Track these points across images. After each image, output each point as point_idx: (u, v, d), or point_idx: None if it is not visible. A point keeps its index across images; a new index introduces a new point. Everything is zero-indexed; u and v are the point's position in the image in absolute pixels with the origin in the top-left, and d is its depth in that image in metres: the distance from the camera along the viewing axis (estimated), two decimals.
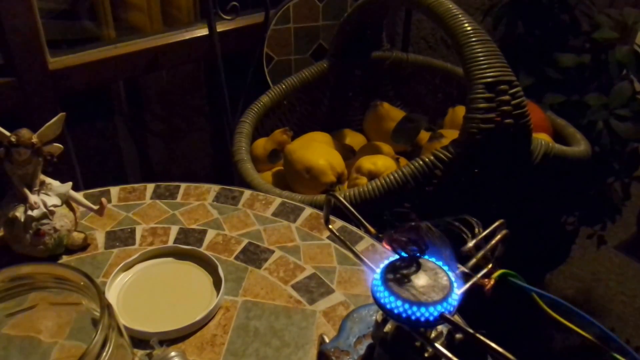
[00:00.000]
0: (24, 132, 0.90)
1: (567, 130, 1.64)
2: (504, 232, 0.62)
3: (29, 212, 0.92)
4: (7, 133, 0.90)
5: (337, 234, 0.67)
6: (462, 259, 0.61)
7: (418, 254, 0.57)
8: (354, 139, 1.86)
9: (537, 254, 1.89)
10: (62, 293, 0.66)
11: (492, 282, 0.59)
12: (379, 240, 0.63)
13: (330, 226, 0.67)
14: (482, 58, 1.22)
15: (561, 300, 0.58)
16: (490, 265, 0.60)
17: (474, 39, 1.24)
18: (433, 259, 0.58)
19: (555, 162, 1.38)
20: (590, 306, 2.35)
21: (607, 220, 2.04)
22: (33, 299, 0.68)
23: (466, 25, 1.26)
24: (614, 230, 2.26)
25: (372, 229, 0.64)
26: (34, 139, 0.91)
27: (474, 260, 0.60)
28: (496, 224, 0.62)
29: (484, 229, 0.63)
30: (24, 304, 0.68)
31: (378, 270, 0.58)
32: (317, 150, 1.54)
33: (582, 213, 2.01)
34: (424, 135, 1.72)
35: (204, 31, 1.96)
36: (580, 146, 1.51)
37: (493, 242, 0.61)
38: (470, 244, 0.60)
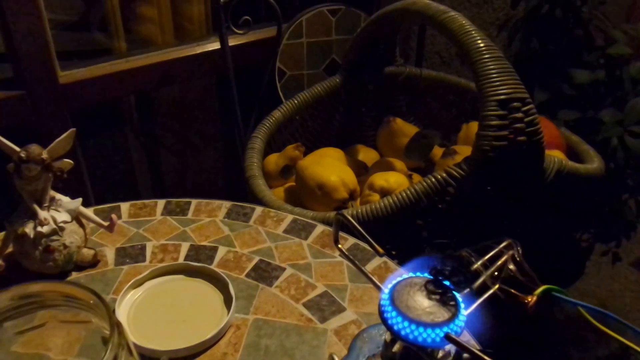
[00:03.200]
0: (34, 148, 0.90)
1: (581, 147, 1.64)
2: (510, 252, 0.61)
3: (39, 229, 0.92)
4: (17, 148, 0.90)
5: (347, 253, 0.67)
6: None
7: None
8: (366, 154, 1.85)
9: (551, 271, 1.88)
10: (71, 311, 0.66)
11: (534, 298, 0.59)
12: (389, 257, 0.63)
13: (339, 245, 0.67)
14: (495, 75, 1.21)
15: (609, 313, 0.58)
16: (493, 279, 0.60)
17: (487, 56, 1.23)
18: (445, 282, 0.58)
19: (568, 179, 1.37)
20: (606, 324, 2.33)
21: (622, 237, 2.02)
22: (42, 317, 0.68)
23: (479, 42, 1.26)
24: (629, 246, 2.25)
25: (380, 249, 0.63)
26: (44, 155, 0.90)
27: (480, 280, 0.60)
28: (503, 244, 0.61)
29: (496, 247, 0.63)
30: (34, 321, 0.68)
31: (386, 291, 0.57)
32: (329, 167, 1.53)
33: (596, 230, 2.00)
34: (437, 151, 1.71)
35: (216, 45, 1.96)
36: (594, 163, 1.50)
37: (499, 262, 0.61)
38: (476, 264, 0.60)
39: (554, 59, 1.92)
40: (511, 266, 0.61)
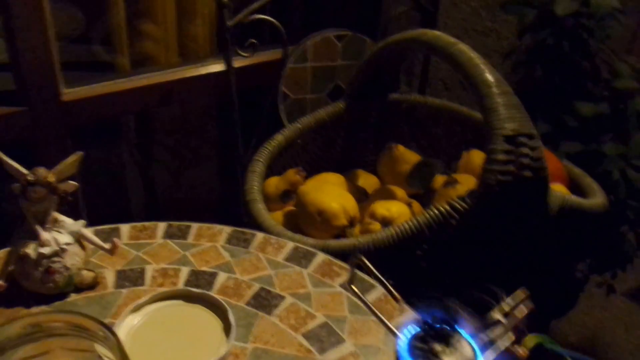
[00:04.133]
0: (41, 172, 0.90)
1: (583, 181, 1.63)
2: (529, 306, 0.61)
3: (40, 250, 0.92)
4: (25, 171, 0.90)
5: (362, 296, 0.67)
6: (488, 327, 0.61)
7: (449, 330, 0.57)
8: (366, 180, 1.85)
9: (544, 302, 1.88)
10: (76, 339, 0.66)
11: (526, 351, 0.59)
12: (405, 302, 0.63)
13: (353, 286, 0.67)
14: (502, 110, 1.21)
15: None
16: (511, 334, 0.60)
17: (495, 90, 1.23)
18: (459, 330, 0.58)
19: (571, 214, 1.37)
20: (596, 354, 2.33)
21: (618, 269, 2.02)
22: (47, 345, 0.68)
23: (487, 75, 1.26)
24: (624, 276, 2.24)
25: (397, 295, 0.63)
26: (51, 178, 0.90)
27: (502, 331, 0.60)
28: (522, 297, 0.61)
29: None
30: (38, 349, 0.68)
31: (404, 339, 0.57)
32: (330, 193, 1.53)
33: (593, 261, 1.99)
34: (439, 179, 1.71)
35: (219, 66, 1.96)
36: (597, 198, 1.50)
37: (520, 317, 0.60)
38: (496, 316, 0.60)
39: (558, 90, 1.92)
40: (499, 316, 0.62)
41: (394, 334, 0.59)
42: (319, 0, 2.20)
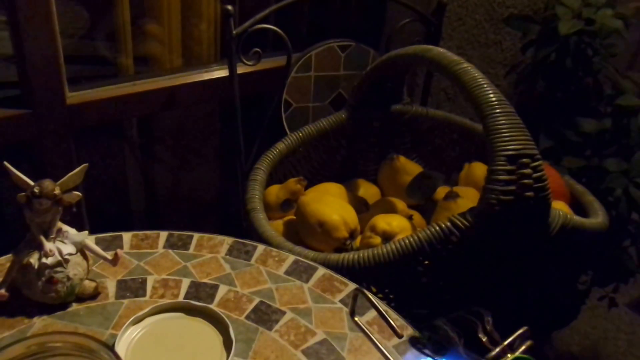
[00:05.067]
0: (47, 184, 0.90)
1: (585, 198, 1.63)
2: (528, 343, 0.61)
3: (43, 260, 0.92)
4: (31, 182, 0.91)
5: (365, 327, 0.67)
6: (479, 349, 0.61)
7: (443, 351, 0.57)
8: (367, 190, 1.85)
9: (545, 313, 1.88)
10: (79, 359, 0.67)
11: None
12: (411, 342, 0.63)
13: (356, 318, 0.67)
14: (505, 130, 1.21)
15: None
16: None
17: (498, 110, 1.23)
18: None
19: (572, 232, 1.37)
20: None
21: (621, 283, 2.02)
22: None
23: (491, 95, 1.25)
24: (626, 288, 2.24)
25: (399, 331, 0.64)
26: (57, 191, 0.91)
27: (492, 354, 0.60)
28: (520, 331, 0.62)
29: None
30: None
31: None
32: (331, 205, 1.53)
33: (595, 274, 1.99)
34: (440, 190, 1.71)
35: (223, 72, 1.96)
36: (598, 217, 1.50)
37: (517, 353, 0.61)
38: (494, 352, 0.60)
39: (561, 105, 1.92)
40: (482, 337, 0.62)
41: None
42: (324, 11, 2.20)
